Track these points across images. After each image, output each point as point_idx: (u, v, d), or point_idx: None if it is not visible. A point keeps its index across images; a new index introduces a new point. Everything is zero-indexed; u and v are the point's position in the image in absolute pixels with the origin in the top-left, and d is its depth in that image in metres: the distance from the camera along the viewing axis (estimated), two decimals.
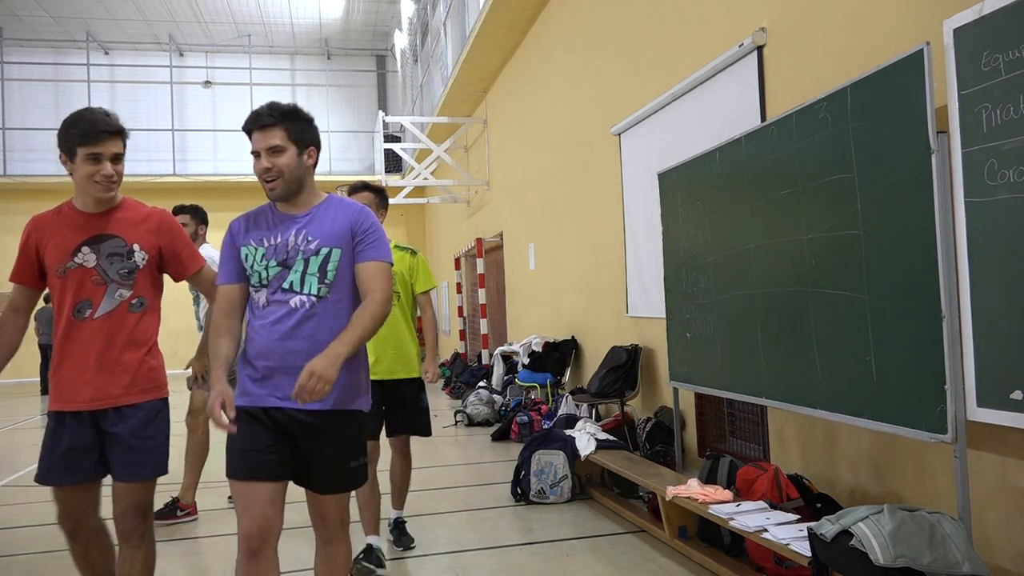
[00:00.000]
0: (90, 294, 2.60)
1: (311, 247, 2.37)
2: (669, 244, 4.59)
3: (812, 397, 3.24)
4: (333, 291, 2.37)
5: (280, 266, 2.36)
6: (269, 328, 2.35)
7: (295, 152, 2.38)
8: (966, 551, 2.38)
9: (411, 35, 15.72)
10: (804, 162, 3.23)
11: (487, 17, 8.63)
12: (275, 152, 2.34)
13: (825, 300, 3.12)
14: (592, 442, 4.89)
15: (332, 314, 2.36)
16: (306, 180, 2.42)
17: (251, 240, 2.41)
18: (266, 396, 2.34)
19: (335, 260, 2.37)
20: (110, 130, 2.55)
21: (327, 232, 2.39)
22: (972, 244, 2.55)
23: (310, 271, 2.36)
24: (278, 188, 2.35)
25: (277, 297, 2.36)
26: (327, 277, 2.37)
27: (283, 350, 2.33)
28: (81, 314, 2.59)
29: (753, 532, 3.05)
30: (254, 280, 2.39)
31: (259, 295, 2.38)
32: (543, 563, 3.74)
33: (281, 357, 2.34)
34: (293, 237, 2.37)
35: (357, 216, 2.43)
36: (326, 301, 2.36)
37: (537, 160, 8.76)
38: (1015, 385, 2.41)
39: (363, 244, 2.40)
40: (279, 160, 2.33)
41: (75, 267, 2.60)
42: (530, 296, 9.28)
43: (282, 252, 2.37)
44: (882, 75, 2.77)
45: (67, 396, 2.59)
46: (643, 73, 5.74)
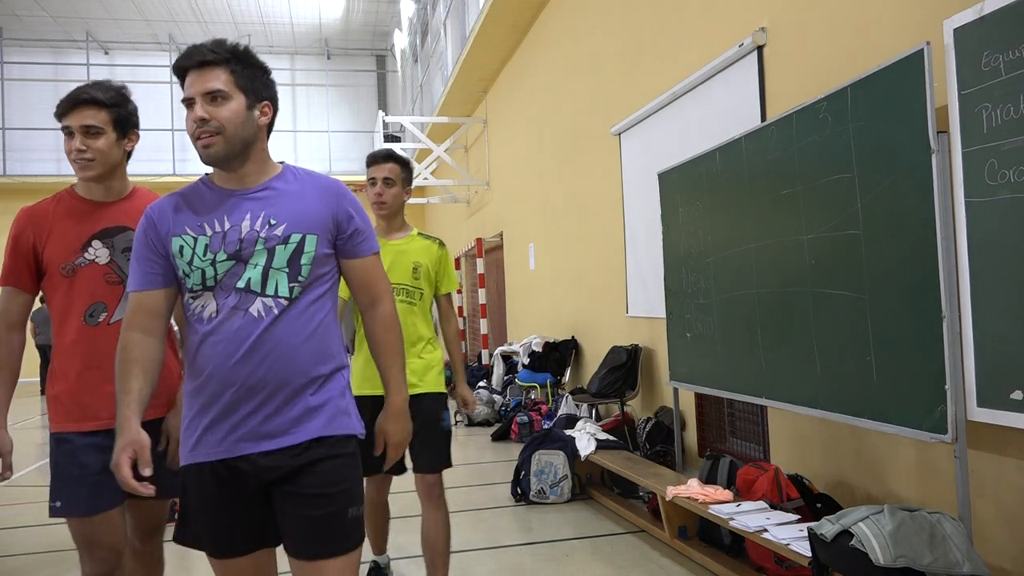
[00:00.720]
0: (104, 295, 2.27)
1: (276, 233, 1.79)
2: (669, 244, 4.59)
3: (812, 397, 3.23)
4: (306, 292, 1.82)
5: (233, 259, 1.77)
6: (221, 347, 1.75)
7: (243, 103, 1.78)
8: (966, 551, 2.38)
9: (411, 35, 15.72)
10: (804, 162, 3.23)
11: (487, 17, 8.63)
12: (216, 99, 1.75)
13: (825, 300, 3.12)
14: (592, 442, 4.89)
15: (296, 322, 1.80)
16: (255, 144, 1.83)
17: (186, 227, 1.80)
18: (225, 444, 1.77)
19: (310, 250, 1.82)
20: (79, 99, 2.21)
21: (297, 212, 1.82)
22: (972, 244, 2.55)
23: (276, 265, 1.78)
24: (215, 147, 1.75)
25: (231, 302, 1.76)
26: (301, 273, 1.81)
27: (241, 378, 1.75)
28: (94, 319, 2.25)
29: (753, 532, 3.05)
30: (192, 282, 1.78)
31: (202, 302, 1.78)
32: (543, 563, 3.74)
33: (239, 389, 1.75)
34: (248, 221, 1.79)
35: (339, 197, 1.89)
36: (299, 305, 1.81)
37: (537, 160, 8.76)
38: (1015, 385, 2.41)
39: (360, 236, 1.91)
40: (220, 111, 1.74)
41: (86, 264, 2.26)
42: (530, 296, 9.28)
43: (234, 241, 1.78)
44: (882, 75, 2.77)
45: (89, 413, 2.24)
46: (643, 73, 5.74)
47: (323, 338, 1.85)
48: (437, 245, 3.25)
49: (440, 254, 3.24)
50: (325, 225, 1.86)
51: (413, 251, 3.19)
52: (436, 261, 3.23)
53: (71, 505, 2.22)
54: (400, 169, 3.15)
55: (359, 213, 1.93)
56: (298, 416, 1.80)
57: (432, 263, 3.21)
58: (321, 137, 17.94)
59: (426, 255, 3.20)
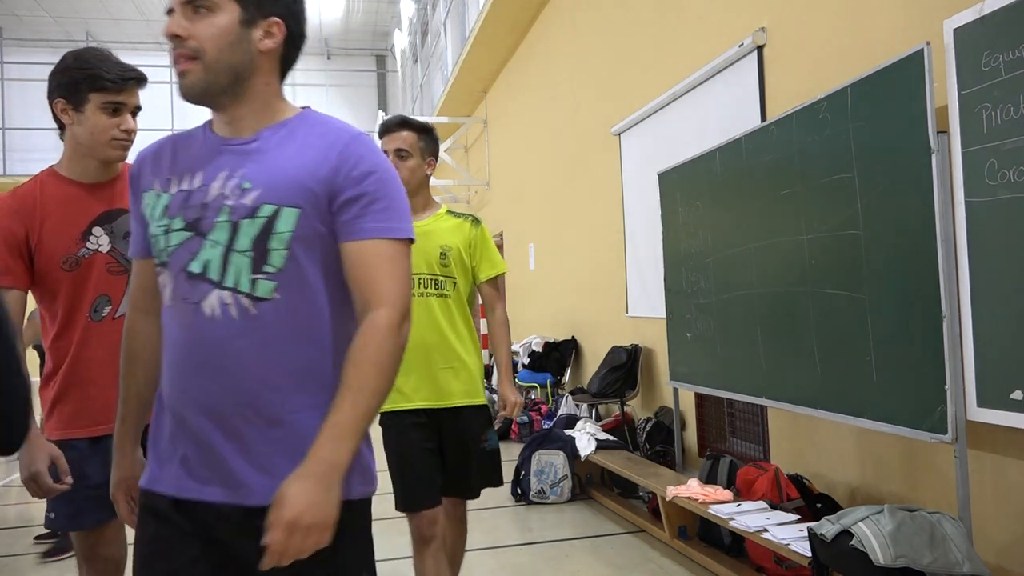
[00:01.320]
0: (107, 287, 2.05)
1: (244, 201, 1.29)
2: (669, 244, 4.59)
3: (812, 397, 3.23)
4: (285, 290, 1.30)
5: (190, 230, 1.31)
6: (169, 350, 1.34)
7: (235, 16, 1.29)
8: (966, 551, 2.38)
9: (411, 35, 15.72)
10: (804, 162, 3.23)
11: (487, 17, 8.63)
12: (199, 9, 1.28)
13: (825, 300, 3.12)
14: (592, 442, 4.89)
15: (268, 332, 1.29)
16: (253, 77, 1.33)
17: (156, 180, 1.38)
18: (173, 477, 1.33)
19: (285, 230, 1.29)
20: (136, 76, 2.04)
21: (277, 173, 1.30)
22: (972, 244, 2.55)
23: (238, 247, 1.29)
24: (190, 77, 1.28)
25: (182, 290, 1.31)
26: (270, 262, 1.29)
27: (192, 394, 1.31)
28: (99, 314, 2.05)
29: (753, 532, 3.05)
30: (155, 252, 1.37)
31: (163, 282, 1.37)
32: (543, 563, 3.74)
33: (192, 406, 1.31)
34: (221, 181, 1.31)
35: (345, 149, 1.32)
36: (275, 309, 1.29)
37: (537, 160, 8.76)
38: (1015, 385, 2.41)
39: (358, 205, 1.31)
40: (200, 27, 1.28)
41: (89, 255, 2.04)
42: (530, 296, 9.28)
43: (195, 206, 1.31)
44: (882, 75, 2.77)
45: (99, 417, 2.05)
46: (643, 73, 5.74)
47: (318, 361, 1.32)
48: (470, 223, 2.72)
49: (475, 233, 2.70)
50: (312, 193, 1.29)
51: (440, 232, 2.66)
52: (470, 242, 2.70)
53: (68, 518, 2.05)
54: (417, 137, 2.64)
55: (370, 177, 1.32)
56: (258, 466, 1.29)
57: (465, 244, 2.69)
58: None
59: (456, 235, 2.67)
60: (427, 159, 2.68)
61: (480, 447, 2.67)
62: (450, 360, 2.62)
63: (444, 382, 2.61)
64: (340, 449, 1.22)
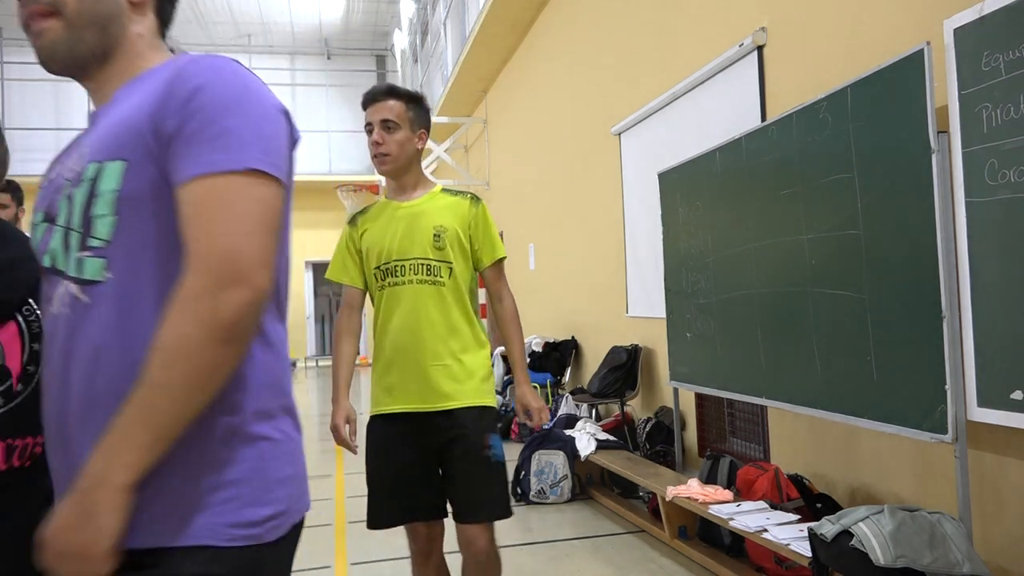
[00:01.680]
0: None
1: (76, 168, 1.06)
2: (669, 244, 4.59)
3: (812, 397, 3.23)
4: (117, 269, 1.00)
5: (46, 220, 1.09)
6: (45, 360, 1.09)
7: None
8: (966, 551, 2.38)
9: (411, 35, 15.72)
10: (804, 162, 3.23)
11: (487, 17, 8.62)
12: None
13: (825, 300, 3.12)
14: (592, 442, 4.88)
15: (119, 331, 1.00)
16: (125, 29, 1.11)
17: None
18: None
19: (108, 188, 1.01)
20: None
21: (108, 125, 1.05)
22: (972, 244, 2.55)
23: (73, 223, 1.04)
24: (51, 34, 1.06)
25: (45, 289, 1.10)
26: (95, 233, 1.01)
27: (48, 413, 1.07)
28: None
29: (753, 532, 3.05)
30: None
31: None
32: (543, 563, 3.74)
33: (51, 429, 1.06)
34: (73, 158, 1.09)
35: (180, 70, 1.02)
36: (107, 294, 1.00)
37: (537, 160, 8.76)
38: (1015, 385, 2.41)
39: (183, 136, 0.99)
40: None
41: None
42: (530, 296, 9.28)
43: (49, 192, 1.11)
44: (882, 75, 2.77)
45: None
46: (643, 73, 5.74)
47: None
48: (469, 201, 2.41)
49: (474, 213, 2.40)
50: (140, 136, 0.99)
51: (433, 211, 2.38)
52: (468, 223, 2.39)
53: None
54: (406, 107, 2.35)
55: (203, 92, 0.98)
56: None
57: (463, 225, 2.38)
58: (321, 137, 17.93)
59: (452, 215, 2.37)
60: (418, 131, 2.38)
61: (482, 455, 2.31)
62: (441, 356, 2.30)
63: (435, 381, 2.29)
64: (112, 462, 0.91)
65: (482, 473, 2.34)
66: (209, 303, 0.93)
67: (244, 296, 0.94)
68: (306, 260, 17.71)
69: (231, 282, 0.94)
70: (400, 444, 2.35)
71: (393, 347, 2.34)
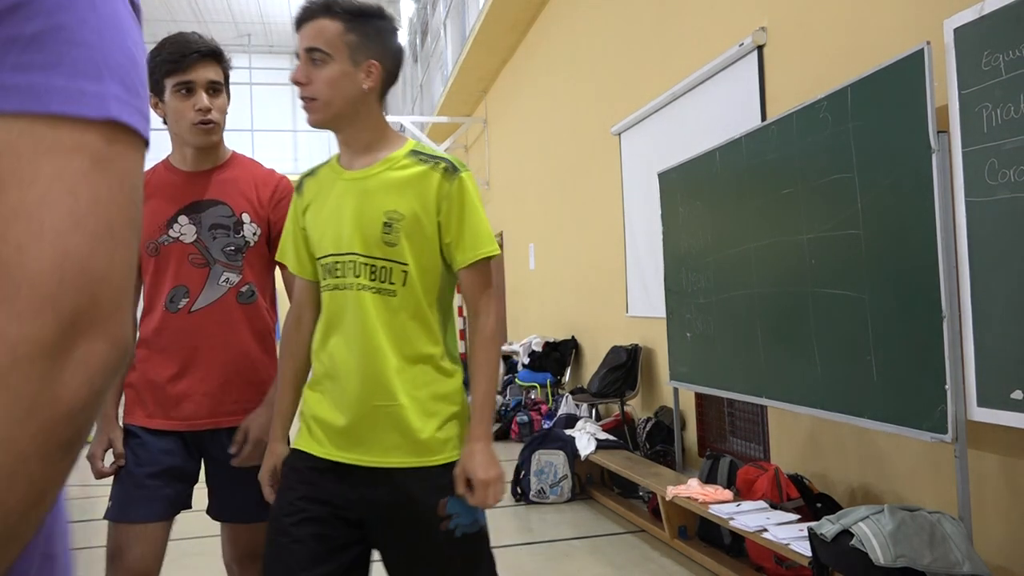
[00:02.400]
0: (187, 278, 1.98)
1: None
2: (669, 244, 4.59)
3: (812, 397, 3.23)
4: None
5: None
6: None
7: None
8: (966, 551, 2.38)
9: (411, 35, 15.72)
10: (804, 162, 3.23)
11: (487, 17, 8.62)
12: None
13: (825, 300, 3.12)
14: (592, 442, 4.88)
15: None
16: None
17: None
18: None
19: None
20: (203, 50, 1.92)
21: None
22: (972, 244, 2.55)
23: None
24: None
25: None
26: None
27: None
28: (175, 304, 1.97)
29: (753, 532, 3.05)
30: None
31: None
32: (543, 563, 3.74)
33: None
34: None
35: None
36: None
37: (537, 160, 8.76)
38: (1015, 385, 2.41)
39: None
40: None
41: (169, 242, 1.98)
42: (530, 296, 9.28)
43: None
44: (882, 75, 2.76)
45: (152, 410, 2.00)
46: (643, 73, 5.74)
47: None
48: (441, 171, 1.63)
49: (446, 190, 1.63)
50: None
51: (387, 187, 1.63)
52: (438, 202, 1.63)
53: (118, 507, 1.94)
54: (344, 29, 1.59)
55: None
56: None
57: (429, 207, 1.63)
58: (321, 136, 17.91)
59: (413, 193, 1.62)
60: (363, 64, 1.60)
61: (438, 532, 1.60)
62: (389, 393, 1.61)
63: (374, 427, 1.61)
64: None
65: (439, 559, 1.62)
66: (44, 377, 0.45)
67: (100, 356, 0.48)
68: None
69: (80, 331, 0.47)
70: (310, 501, 1.62)
71: (327, 372, 1.66)
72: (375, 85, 1.64)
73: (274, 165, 2.20)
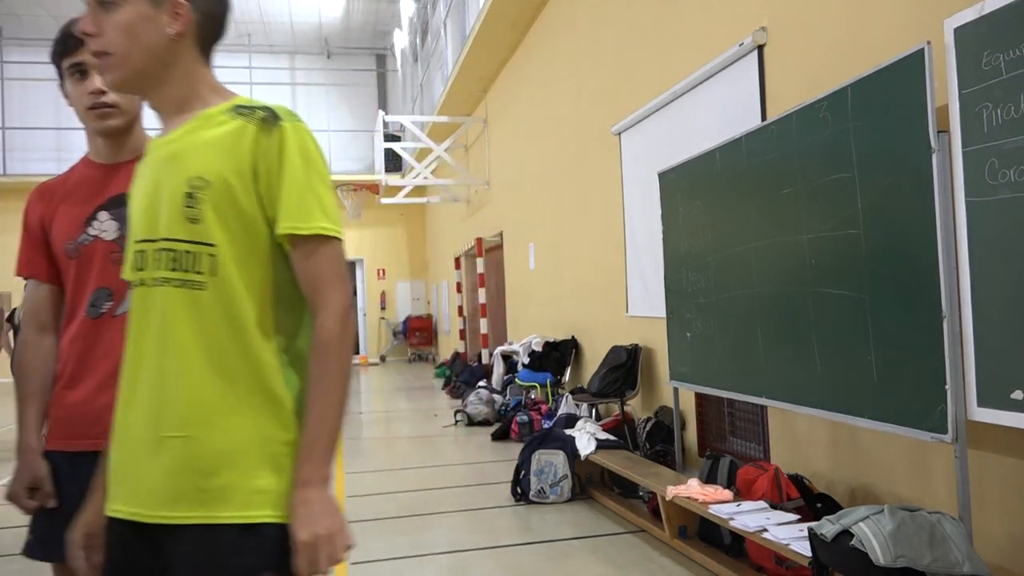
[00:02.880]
0: (109, 279, 1.78)
1: None
2: (669, 244, 4.59)
3: (812, 397, 3.23)
4: None
5: None
6: None
7: None
8: (966, 551, 2.38)
9: (411, 34, 15.72)
10: (805, 162, 3.23)
11: (487, 16, 8.62)
12: None
13: (825, 300, 3.12)
14: (592, 442, 4.88)
15: None
16: None
17: None
18: None
19: None
20: None
21: None
22: (973, 244, 2.55)
23: None
24: None
25: None
26: None
27: None
28: (96, 308, 1.77)
29: (753, 532, 3.05)
30: None
31: None
32: (543, 563, 3.74)
33: None
34: None
35: None
36: None
37: (537, 159, 8.76)
38: (1015, 385, 2.41)
39: None
40: None
41: (89, 241, 1.79)
42: (530, 296, 9.28)
43: None
44: (883, 74, 2.76)
45: (72, 430, 1.77)
46: (643, 73, 5.74)
47: None
48: (257, 122, 1.29)
49: (267, 144, 1.28)
50: None
51: (195, 149, 1.31)
52: (254, 163, 1.28)
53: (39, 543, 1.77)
54: None
55: None
56: None
57: (243, 171, 1.28)
58: (321, 136, 17.93)
59: (224, 154, 1.29)
60: (165, 3, 1.30)
61: None
62: (184, 421, 1.24)
63: (162, 470, 1.23)
64: None
65: None
66: None
67: None
68: None
69: None
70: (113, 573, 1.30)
71: (123, 395, 1.32)
72: (184, 29, 1.32)
73: None
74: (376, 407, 10.04)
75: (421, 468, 5.98)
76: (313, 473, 1.23)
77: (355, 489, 5.34)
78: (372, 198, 15.68)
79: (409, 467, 6.07)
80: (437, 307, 16.88)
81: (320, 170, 1.31)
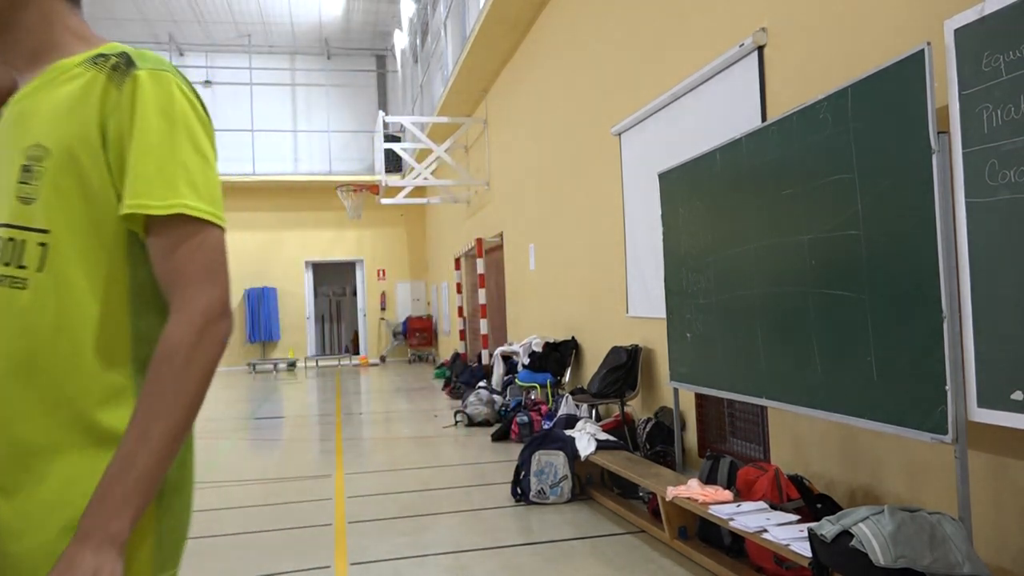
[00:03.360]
0: None
1: None
2: (669, 244, 4.59)
3: (812, 397, 3.23)
4: None
5: None
6: None
7: None
8: (966, 552, 2.38)
9: (411, 35, 15.73)
10: (805, 162, 3.23)
11: (487, 17, 8.63)
12: None
13: (825, 300, 3.12)
14: (592, 442, 4.88)
15: None
16: None
17: None
18: None
19: None
20: None
21: None
22: (972, 244, 2.55)
23: None
24: None
25: None
26: None
27: None
28: None
29: (753, 532, 3.05)
30: None
31: None
32: (543, 563, 3.74)
33: None
34: None
35: None
36: None
37: (537, 160, 8.77)
38: (1015, 385, 2.41)
39: None
40: None
41: None
42: (530, 296, 9.28)
43: None
44: (883, 75, 2.76)
45: None
46: (643, 73, 5.74)
47: None
48: (107, 72, 1.03)
49: (117, 98, 1.01)
50: None
51: (41, 110, 1.06)
52: (102, 123, 1.02)
53: None
54: None
55: None
56: None
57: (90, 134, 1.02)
58: (321, 137, 17.93)
59: (74, 115, 1.03)
60: None
61: None
62: (20, 462, 1.00)
63: None
64: None
65: None
66: None
67: None
68: (306, 260, 17.71)
69: None
70: None
71: None
72: None
73: (274, 165, 2.13)
74: (376, 408, 10.04)
75: (421, 469, 5.98)
76: (98, 524, 0.91)
77: (355, 490, 5.34)
78: (372, 199, 15.67)
79: (409, 468, 6.07)
80: (437, 308, 16.89)
81: (193, 133, 1.02)
